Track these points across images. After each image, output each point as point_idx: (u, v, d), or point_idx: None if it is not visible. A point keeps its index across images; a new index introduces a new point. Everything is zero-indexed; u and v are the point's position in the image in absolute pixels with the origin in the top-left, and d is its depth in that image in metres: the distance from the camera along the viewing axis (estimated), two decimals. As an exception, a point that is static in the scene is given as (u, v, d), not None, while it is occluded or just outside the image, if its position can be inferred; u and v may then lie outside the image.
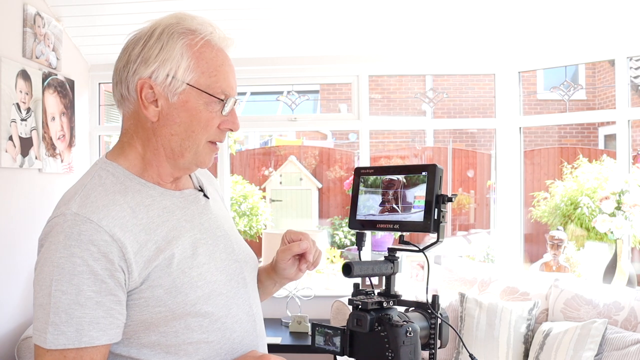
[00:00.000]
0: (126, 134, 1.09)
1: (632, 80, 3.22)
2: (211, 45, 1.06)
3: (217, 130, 1.08)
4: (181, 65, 1.03)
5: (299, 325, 3.25)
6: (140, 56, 1.03)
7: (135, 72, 1.03)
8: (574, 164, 3.89)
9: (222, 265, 1.11)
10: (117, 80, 1.07)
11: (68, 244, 0.94)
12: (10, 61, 2.71)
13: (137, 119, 1.07)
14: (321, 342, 1.08)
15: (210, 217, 1.15)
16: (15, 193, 2.81)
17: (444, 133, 9.28)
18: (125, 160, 1.08)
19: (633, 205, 2.97)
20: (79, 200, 0.99)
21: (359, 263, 1.04)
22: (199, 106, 1.05)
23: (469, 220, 7.32)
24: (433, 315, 1.08)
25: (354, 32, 3.39)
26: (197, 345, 1.04)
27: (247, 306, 1.14)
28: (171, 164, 1.08)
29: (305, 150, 7.83)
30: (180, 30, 1.05)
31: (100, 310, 0.95)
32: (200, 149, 1.07)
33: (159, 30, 1.04)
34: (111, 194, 1.02)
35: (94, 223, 0.96)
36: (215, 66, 1.06)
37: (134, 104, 1.06)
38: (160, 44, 1.03)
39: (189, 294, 1.03)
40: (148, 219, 1.03)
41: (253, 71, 3.67)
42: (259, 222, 4.99)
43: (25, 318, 2.85)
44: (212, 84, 1.05)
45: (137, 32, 1.07)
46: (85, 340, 0.93)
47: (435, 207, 1.04)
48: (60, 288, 0.93)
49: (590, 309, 2.70)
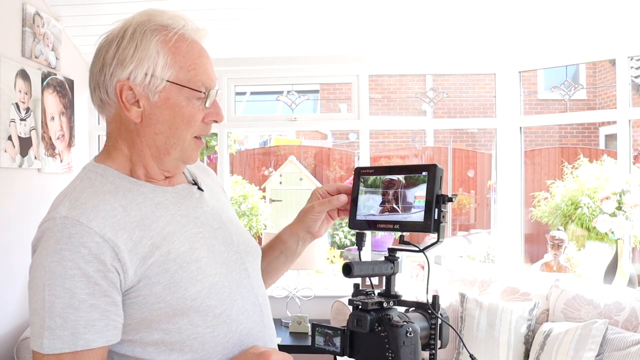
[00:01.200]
0: (111, 137, 1.08)
1: (633, 80, 3.21)
2: (185, 38, 1.04)
3: (201, 124, 1.07)
4: (159, 63, 1.01)
5: (299, 326, 3.24)
6: (115, 58, 1.01)
7: (112, 74, 1.01)
8: (575, 164, 3.89)
9: (222, 258, 1.10)
10: (95, 85, 1.05)
11: (58, 247, 0.93)
12: (9, 61, 2.71)
13: (120, 122, 1.05)
14: (321, 343, 1.08)
15: (205, 210, 1.13)
16: (14, 193, 2.80)
17: (444, 133, 9.28)
18: (113, 162, 1.07)
19: (634, 205, 2.96)
20: (68, 203, 0.99)
21: (359, 263, 1.04)
22: (180, 102, 1.03)
23: (470, 221, 7.32)
24: (433, 315, 1.07)
25: (354, 32, 3.39)
26: (202, 340, 1.03)
27: (253, 296, 1.13)
28: (158, 163, 1.07)
29: (305, 150, 7.83)
30: (153, 27, 1.03)
31: (95, 313, 0.94)
32: (186, 145, 1.06)
33: (130, 29, 1.02)
34: (101, 194, 1.01)
35: (83, 225, 0.95)
36: (193, 59, 1.04)
37: (115, 107, 1.04)
38: (134, 43, 1.01)
39: (189, 288, 1.01)
40: (141, 216, 1.01)
41: (253, 71, 3.67)
42: (259, 222, 4.99)
43: (24, 319, 2.85)
44: (192, 78, 1.03)
45: (108, 34, 1.05)
46: (81, 344, 0.93)
47: (435, 207, 1.03)
48: (54, 292, 0.92)
49: (591, 310, 2.69)
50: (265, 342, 1.13)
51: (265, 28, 3.36)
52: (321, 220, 1.24)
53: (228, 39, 3.43)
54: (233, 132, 5.45)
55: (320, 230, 1.26)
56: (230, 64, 3.61)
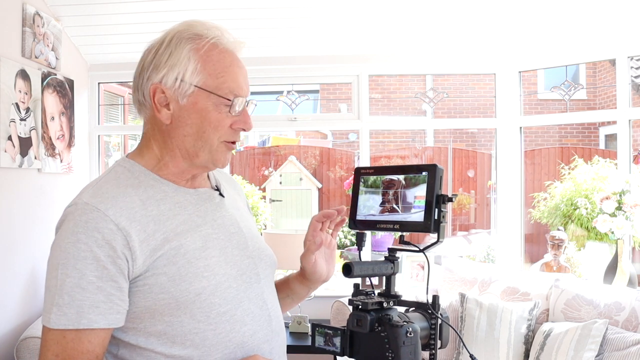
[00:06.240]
0: (145, 137, 1.16)
1: (632, 80, 3.21)
2: (218, 47, 1.10)
3: (229, 130, 1.11)
4: (188, 69, 1.08)
5: (299, 326, 3.24)
6: (152, 63, 1.09)
7: (148, 78, 1.09)
8: (571, 165, 3.89)
9: (234, 260, 1.13)
10: (135, 87, 1.13)
11: (75, 230, 1.00)
12: (9, 61, 2.71)
13: (154, 123, 1.12)
14: (321, 343, 1.08)
15: (224, 215, 1.17)
16: (14, 193, 2.80)
17: (444, 133, 9.28)
18: (142, 159, 1.14)
19: (634, 205, 2.96)
20: (92, 191, 1.06)
21: (359, 263, 1.04)
22: (208, 107, 1.09)
23: (470, 221, 7.32)
24: (433, 315, 1.07)
25: (354, 32, 3.39)
26: (203, 336, 1.06)
27: (261, 301, 1.15)
28: (188, 163, 1.12)
29: (306, 150, 7.83)
30: (188, 35, 1.10)
31: (101, 295, 0.99)
32: (214, 148, 1.11)
33: (169, 37, 1.10)
34: (123, 187, 1.07)
35: (100, 212, 1.01)
36: (223, 67, 1.10)
37: (149, 108, 1.11)
38: (170, 50, 1.09)
39: (193, 282, 1.05)
40: (158, 212, 1.07)
41: (253, 71, 3.62)
42: (259, 222, 4.99)
43: (24, 318, 2.85)
44: (220, 85, 1.09)
45: (152, 42, 1.13)
46: (84, 322, 0.98)
47: (435, 207, 1.03)
48: (66, 272, 0.99)
49: (591, 310, 2.69)
50: (272, 347, 1.15)
51: (265, 28, 3.36)
52: (318, 264, 1.23)
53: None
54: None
55: (329, 271, 1.26)
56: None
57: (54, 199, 3.06)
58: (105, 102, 3.79)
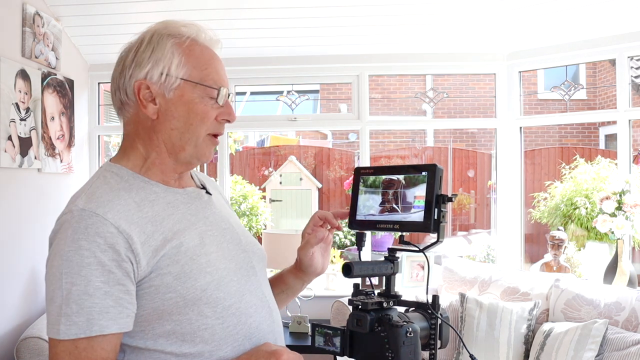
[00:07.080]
0: (127, 138, 1.15)
1: (633, 80, 3.21)
2: (198, 43, 1.13)
3: (214, 122, 1.13)
4: (173, 62, 1.09)
5: (299, 326, 3.24)
6: (134, 61, 1.10)
7: (131, 76, 1.10)
8: (572, 165, 3.88)
9: (230, 255, 1.14)
10: (115, 88, 1.12)
11: (76, 237, 0.99)
12: (9, 61, 2.71)
13: (138, 121, 1.12)
14: (321, 343, 1.08)
15: (214, 212, 1.19)
16: (14, 193, 2.80)
17: (444, 133, 9.28)
18: (128, 162, 1.13)
19: (634, 205, 2.96)
20: (85, 197, 1.04)
21: (359, 263, 1.04)
22: (194, 99, 1.10)
23: (470, 220, 7.33)
24: (433, 315, 1.07)
25: (354, 32, 3.39)
26: (212, 331, 1.06)
27: (260, 293, 1.17)
28: (173, 159, 1.13)
29: (305, 150, 7.83)
30: (168, 32, 1.12)
31: (109, 300, 0.98)
32: (200, 141, 1.12)
33: (148, 36, 1.12)
34: (115, 190, 1.06)
35: (99, 216, 1.00)
36: (205, 60, 1.13)
37: (133, 106, 1.11)
38: (152, 46, 1.10)
39: (198, 279, 1.05)
40: (154, 213, 1.07)
41: (253, 71, 3.67)
42: (259, 222, 4.99)
43: (24, 318, 2.85)
44: (205, 77, 1.11)
45: (129, 44, 1.14)
46: (95, 329, 0.97)
47: (435, 207, 1.03)
48: (70, 280, 0.97)
49: (591, 309, 2.69)
50: (275, 338, 1.16)
51: (265, 28, 3.36)
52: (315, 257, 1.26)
53: (228, 39, 3.41)
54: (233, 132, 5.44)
55: (323, 267, 1.29)
56: (230, 64, 3.58)
57: (54, 199, 3.06)
58: (105, 102, 3.79)
